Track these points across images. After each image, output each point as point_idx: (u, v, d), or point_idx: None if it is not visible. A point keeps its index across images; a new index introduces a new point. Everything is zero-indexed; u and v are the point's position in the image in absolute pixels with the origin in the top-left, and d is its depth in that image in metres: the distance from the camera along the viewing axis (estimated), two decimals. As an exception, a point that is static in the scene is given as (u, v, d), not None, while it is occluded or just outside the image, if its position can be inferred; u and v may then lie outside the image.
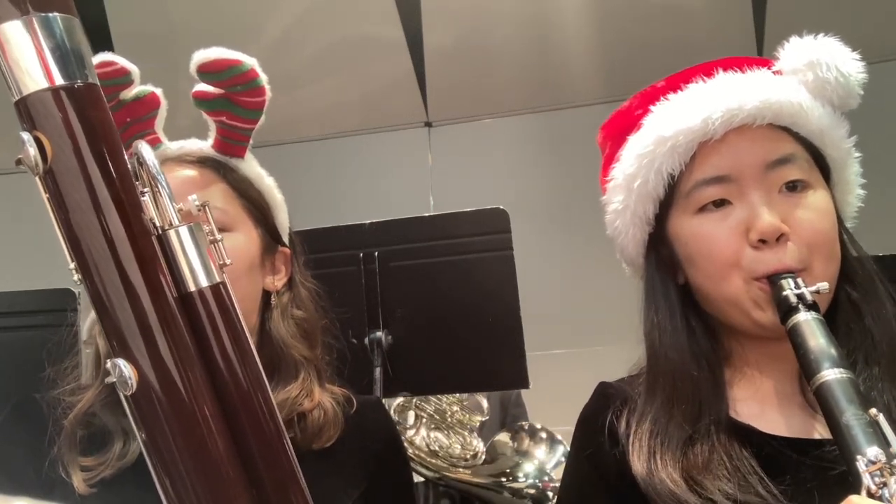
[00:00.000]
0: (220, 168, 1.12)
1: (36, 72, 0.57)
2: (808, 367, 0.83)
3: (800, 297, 0.87)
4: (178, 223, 0.62)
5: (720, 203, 0.95)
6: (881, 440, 0.74)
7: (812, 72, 0.96)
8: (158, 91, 1.12)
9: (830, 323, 0.88)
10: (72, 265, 0.59)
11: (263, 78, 1.07)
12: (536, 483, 2.18)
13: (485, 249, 1.71)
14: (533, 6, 3.93)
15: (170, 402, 0.58)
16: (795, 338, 0.85)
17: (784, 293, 0.88)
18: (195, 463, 0.59)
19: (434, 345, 1.71)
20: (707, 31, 3.86)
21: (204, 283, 0.62)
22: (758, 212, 0.92)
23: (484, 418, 2.41)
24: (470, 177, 4.31)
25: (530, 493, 2.17)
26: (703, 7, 3.88)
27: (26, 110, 0.57)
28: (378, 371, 1.67)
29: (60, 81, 0.57)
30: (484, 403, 2.44)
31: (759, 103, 0.94)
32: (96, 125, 0.58)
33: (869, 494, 0.71)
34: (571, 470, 1.07)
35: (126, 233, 0.58)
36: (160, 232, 0.61)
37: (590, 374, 1.13)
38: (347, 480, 1.10)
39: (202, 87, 1.07)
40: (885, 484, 0.71)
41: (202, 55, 1.03)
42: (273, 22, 3.91)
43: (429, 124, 4.53)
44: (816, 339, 0.84)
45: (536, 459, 2.22)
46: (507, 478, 2.19)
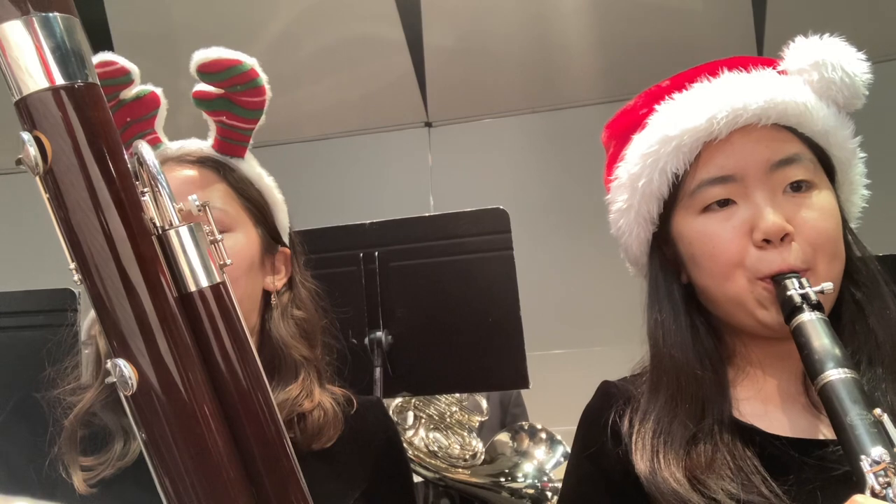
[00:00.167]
0: (220, 168, 1.11)
1: (36, 72, 0.57)
2: (812, 367, 0.82)
3: (804, 296, 0.87)
4: (178, 223, 0.62)
5: (724, 203, 0.95)
6: (885, 440, 0.74)
7: (817, 72, 0.95)
8: (158, 91, 1.11)
9: (835, 323, 0.88)
10: (72, 265, 0.59)
11: (263, 78, 1.07)
12: (535, 483, 2.17)
13: (485, 249, 1.71)
14: (533, 6, 3.93)
15: (170, 402, 0.58)
16: (799, 338, 0.85)
17: (788, 293, 0.88)
18: (195, 463, 0.59)
19: (434, 345, 1.71)
20: (707, 31, 3.86)
21: (204, 283, 0.62)
22: (762, 212, 0.91)
23: (483, 418, 2.41)
24: (470, 177, 4.31)
25: (529, 493, 2.16)
26: (703, 7, 3.88)
27: (26, 110, 0.57)
28: (378, 371, 1.67)
29: (60, 81, 0.57)
30: (483, 404, 2.44)
31: (764, 103, 0.93)
32: (96, 125, 0.58)
33: (873, 494, 0.71)
34: (574, 469, 1.07)
35: (126, 233, 0.58)
36: (160, 232, 0.61)
37: (590, 374, 1.13)
38: (347, 481, 1.10)
39: (202, 86, 1.07)
40: (889, 484, 0.71)
41: (202, 55, 1.03)
42: (273, 22, 3.91)
43: (429, 124, 4.53)
44: (820, 339, 0.83)
45: (536, 460, 2.22)
46: (505, 478, 2.19)
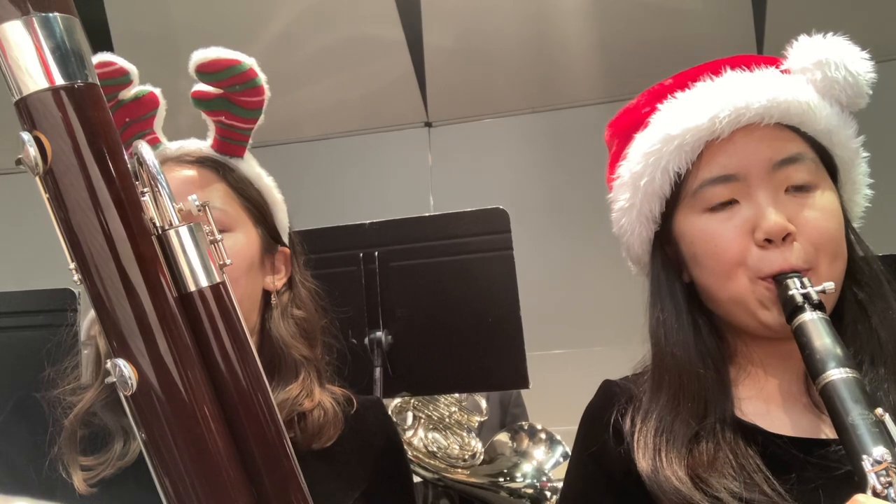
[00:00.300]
0: (219, 168, 1.11)
1: (36, 72, 0.57)
2: (813, 367, 0.82)
3: (806, 296, 0.87)
4: (178, 223, 0.62)
5: (727, 202, 0.95)
6: (887, 440, 0.74)
7: (820, 71, 0.95)
8: (157, 91, 1.11)
9: (836, 323, 0.88)
10: (72, 265, 0.59)
11: (262, 78, 1.07)
12: (534, 483, 2.17)
13: (485, 249, 1.71)
14: (533, 6, 3.93)
15: (170, 402, 0.58)
16: (801, 337, 0.85)
17: (790, 293, 0.88)
18: (195, 463, 0.58)
19: (434, 345, 1.71)
20: (707, 31, 3.86)
21: (204, 283, 0.62)
22: (764, 211, 0.91)
23: (482, 419, 2.41)
24: (470, 177, 4.31)
25: (528, 493, 2.16)
26: (703, 7, 3.88)
27: (26, 110, 0.57)
28: (378, 371, 1.67)
29: (60, 81, 0.57)
30: (482, 404, 2.44)
31: (766, 102, 0.93)
32: (96, 125, 0.58)
33: (875, 494, 0.71)
34: (575, 467, 1.07)
35: (126, 233, 0.58)
36: (160, 232, 0.61)
37: (590, 374, 1.13)
38: (347, 480, 1.10)
39: (201, 86, 1.07)
40: (890, 483, 0.71)
41: (201, 55, 1.03)
42: (273, 22, 3.91)
43: (429, 124, 4.53)
44: (822, 338, 0.83)
45: (535, 460, 2.22)
46: (504, 478, 2.19)
